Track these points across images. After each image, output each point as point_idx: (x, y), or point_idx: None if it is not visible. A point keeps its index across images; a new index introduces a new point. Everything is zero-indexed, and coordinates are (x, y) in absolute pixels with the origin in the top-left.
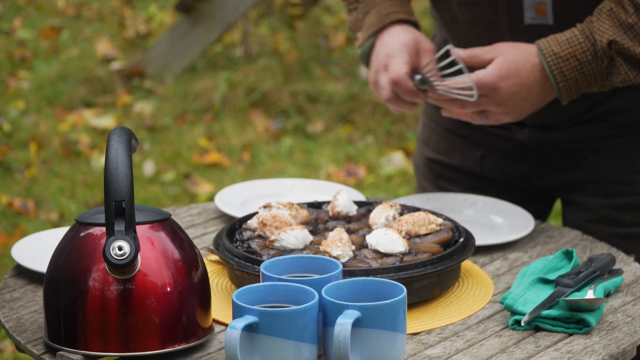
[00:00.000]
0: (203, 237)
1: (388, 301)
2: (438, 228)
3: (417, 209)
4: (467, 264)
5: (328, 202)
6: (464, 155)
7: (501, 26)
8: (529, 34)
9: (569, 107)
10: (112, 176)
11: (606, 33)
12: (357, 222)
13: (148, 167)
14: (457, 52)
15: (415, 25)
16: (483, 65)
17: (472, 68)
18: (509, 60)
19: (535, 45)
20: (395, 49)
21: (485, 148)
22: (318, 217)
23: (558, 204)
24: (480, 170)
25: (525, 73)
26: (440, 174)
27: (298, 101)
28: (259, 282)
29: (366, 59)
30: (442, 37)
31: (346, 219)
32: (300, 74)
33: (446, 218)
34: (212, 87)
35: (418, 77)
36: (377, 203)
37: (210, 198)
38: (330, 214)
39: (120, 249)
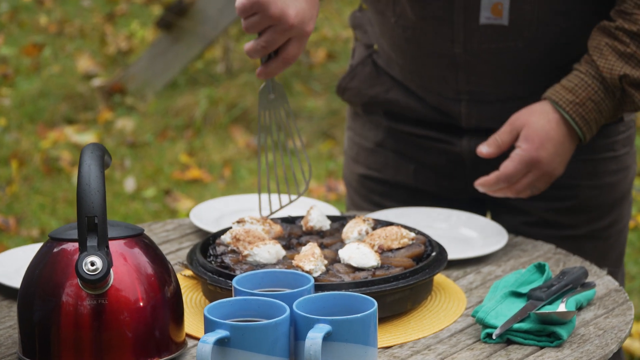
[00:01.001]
0: (178, 253)
1: (359, 315)
2: (410, 242)
3: (390, 223)
4: (440, 277)
5: (302, 217)
6: (397, 170)
7: (455, 25)
8: (483, 34)
9: (507, 109)
10: (85, 192)
11: (614, 69)
12: (330, 237)
13: (129, 183)
14: (482, 151)
15: None
16: (510, 145)
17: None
18: (535, 128)
19: (547, 102)
20: (305, 11)
21: (419, 162)
22: (291, 232)
23: None
24: (414, 184)
25: (555, 133)
26: (373, 190)
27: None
28: (232, 296)
29: None
30: (364, 53)
31: (319, 233)
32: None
33: (419, 232)
34: (193, 103)
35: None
36: (351, 218)
37: None
38: (304, 228)
39: (92, 264)
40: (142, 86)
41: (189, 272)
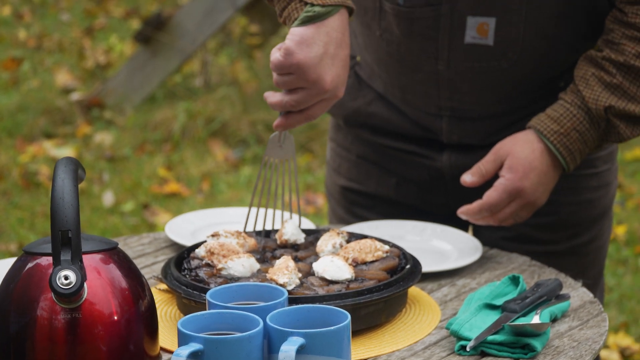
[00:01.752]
0: (153, 266)
1: (332, 328)
2: (385, 255)
3: (364, 236)
4: (415, 290)
5: (276, 231)
6: (378, 183)
7: (439, 43)
8: (467, 53)
9: (488, 125)
10: (58, 206)
11: (600, 100)
12: (304, 250)
13: (107, 198)
14: (466, 180)
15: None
16: (493, 174)
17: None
18: (519, 157)
19: (531, 131)
20: (340, 77)
21: (400, 175)
22: (266, 246)
23: None
24: (396, 197)
25: (539, 163)
26: (355, 202)
27: (257, 130)
28: (206, 310)
29: (313, 22)
30: (351, 64)
31: (294, 247)
32: (259, 104)
33: (393, 245)
34: (172, 117)
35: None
36: (325, 231)
37: None
38: (278, 242)
39: (66, 278)
40: (121, 100)
41: (163, 286)
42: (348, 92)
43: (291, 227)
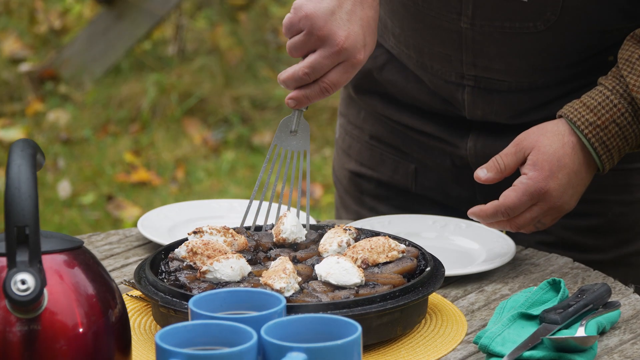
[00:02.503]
0: (123, 269)
1: (339, 342)
2: (400, 255)
3: (377, 233)
4: (436, 297)
5: (271, 226)
6: (394, 169)
7: None
8: (496, 9)
9: (519, 101)
10: (14, 197)
11: None
12: (304, 250)
13: (63, 188)
14: (480, 176)
15: None
16: (514, 169)
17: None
18: (546, 152)
19: (563, 121)
20: (367, 57)
21: (420, 162)
22: (260, 243)
23: None
24: (413, 188)
25: (570, 160)
26: (365, 190)
27: (242, 108)
28: (188, 320)
29: None
30: None
31: (292, 246)
32: (245, 76)
33: (410, 243)
34: (140, 91)
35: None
36: (329, 227)
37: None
38: (274, 239)
39: (23, 282)
40: (79, 72)
41: (136, 292)
42: None
43: (290, 223)
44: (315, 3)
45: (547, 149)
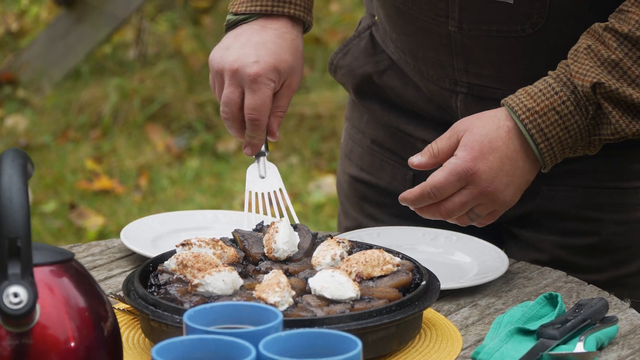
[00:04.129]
0: (107, 282)
1: (340, 357)
2: (395, 269)
3: (370, 246)
4: (429, 312)
5: (260, 227)
6: (393, 176)
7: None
8: (482, 13)
9: None
10: (6, 208)
11: (588, 75)
12: (297, 263)
13: None
14: (413, 161)
15: (307, 28)
16: (448, 154)
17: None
18: (478, 134)
19: (502, 107)
20: (268, 71)
21: (418, 169)
22: (249, 254)
23: None
24: None
25: (503, 143)
26: (365, 196)
27: (206, 114)
28: (179, 334)
29: (233, 27)
30: (365, 23)
31: (284, 260)
32: (208, 81)
33: (404, 257)
34: (101, 96)
35: (262, 149)
36: (321, 239)
37: (102, 233)
38: (267, 253)
39: (15, 295)
40: (38, 76)
41: (123, 305)
42: (359, 57)
43: (282, 240)
44: (218, 51)
45: (480, 131)
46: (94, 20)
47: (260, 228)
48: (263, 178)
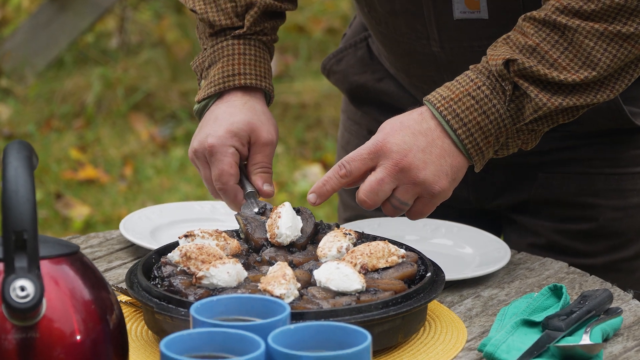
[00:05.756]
0: (107, 274)
1: (350, 350)
2: (400, 260)
3: (375, 238)
4: (434, 304)
5: (263, 210)
6: None
7: (426, 20)
8: (460, 30)
9: None
10: (12, 201)
11: (501, 55)
12: (301, 254)
13: None
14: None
15: (267, 92)
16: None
17: None
18: (389, 121)
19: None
20: (221, 139)
21: None
22: (252, 238)
23: None
24: None
25: (414, 122)
26: None
27: (190, 103)
28: (184, 327)
29: (201, 117)
30: (360, 31)
31: (288, 246)
32: (192, 70)
33: (408, 248)
34: (84, 86)
35: (249, 190)
36: (326, 228)
37: (88, 223)
38: (270, 238)
39: (22, 289)
40: (20, 65)
41: (125, 298)
42: (355, 65)
43: (285, 225)
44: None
45: (391, 119)
46: (77, 9)
47: (264, 211)
48: (260, 214)
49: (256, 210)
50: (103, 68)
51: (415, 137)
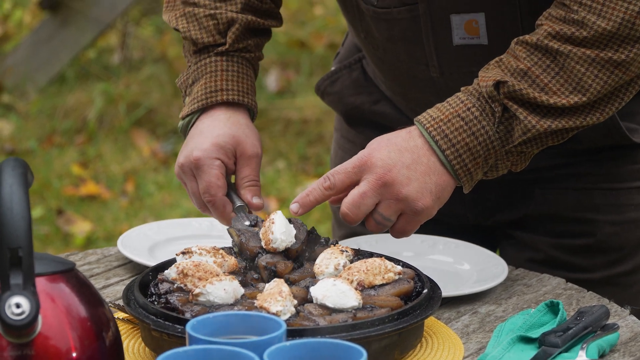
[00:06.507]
0: (105, 290)
1: None
2: (397, 277)
3: (371, 254)
4: (431, 320)
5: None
6: None
7: (425, 46)
8: (460, 56)
9: None
10: (7, 218)
11: (492, 77)
12: (298, 271)
13: None
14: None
15: (250, 108)
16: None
17: None
18: (377, 138)
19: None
20: (207, 152)
21: None
22: (247, 247)
23: None
24: None
25: (401, 139)
26: None
27: None
28: (181, 344)
29: (186, 134)
30: (354, 52)
31: (283, 252)
32: None
33: (405, 264)
34: (86, 101)
35: (238, 204)
36: (322, 244)
37: (89, 239)
38: (264, 245)
39: (17, 306)
40: (22, 81)
41: (122, 315)
42: (350, 87)
43: (279, 230)
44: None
45: (378, 138)
46: (79, 24)
47: (255, 223)
48: (252, 226)
49: (247, 223)
50: (105, 84)
51: (400, 153)
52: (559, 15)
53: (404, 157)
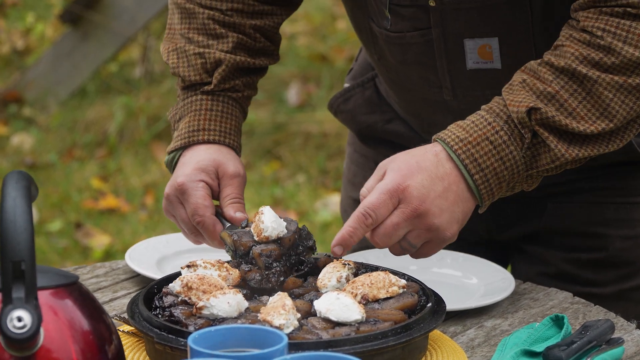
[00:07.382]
0: (112, 303)
1: None
2: (401, 291)
3: (376, 268)
4: (435, 333)
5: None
6: None
7: (438, 70)
8: (473, 80)
9: None
10: (9, 231)
11: (523, 102)
12: (301, 286)
13: None
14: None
15: (233, 148)
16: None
17: None
18: (403, 159)
19: (435, 142)
20: (190, 176)
21: None
22: (241, 243)
23: None
24: None
25: (431, 164)
26: None
27: None
28: (183, 357)
29: (171, 169)
30: (368, 70)
31: (276, 241)
32: None
33: (410, 278)
34: (107, 115)
35: (228, 225)
36: (326, 259)
37: (108, 252)
38: (256, 238)
39: (19, 319)
40: (43, 94)
41: (128, 327)
42: (363, 105)
43: (269, 219)
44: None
45: (405, 156)
46: (100, 38)
47: (246, 225)
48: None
49: (243, 224)
50: (126, 97)
51: (433, 182)
52: (583, 39)
53: (436, 185)
